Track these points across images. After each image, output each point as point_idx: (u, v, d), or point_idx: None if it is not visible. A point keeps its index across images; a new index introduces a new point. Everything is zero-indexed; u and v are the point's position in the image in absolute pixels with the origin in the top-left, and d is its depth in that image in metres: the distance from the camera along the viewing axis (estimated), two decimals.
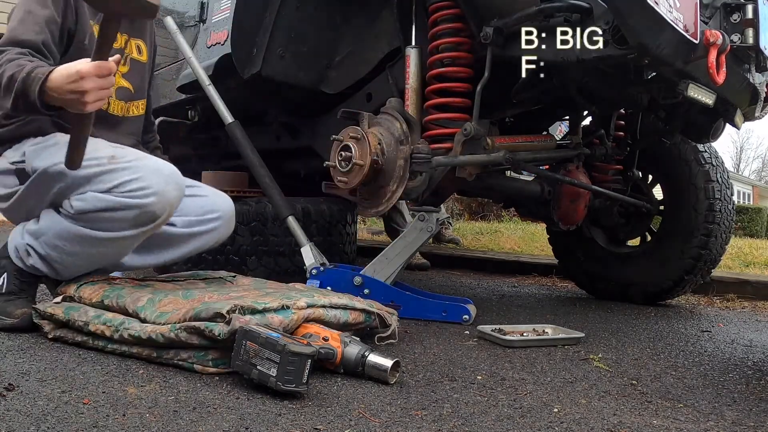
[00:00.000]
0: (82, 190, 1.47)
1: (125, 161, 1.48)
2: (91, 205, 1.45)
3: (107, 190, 1.45)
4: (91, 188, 1.46)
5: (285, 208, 2.07)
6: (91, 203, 1.45)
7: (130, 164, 1.47)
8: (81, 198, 1.47)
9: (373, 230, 6.17)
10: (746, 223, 12.76)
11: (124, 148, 1.55)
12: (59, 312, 1.39)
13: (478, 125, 1.86)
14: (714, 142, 2.37)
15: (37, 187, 1.53)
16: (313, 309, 1.38)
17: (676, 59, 1.65)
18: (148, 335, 1.27)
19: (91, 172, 1.45)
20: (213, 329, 1.21)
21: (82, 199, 1.46)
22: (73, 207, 1.47)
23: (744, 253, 4.37)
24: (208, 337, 1.21)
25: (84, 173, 1.45)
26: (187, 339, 1.23)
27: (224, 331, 1.19)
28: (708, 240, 2.44)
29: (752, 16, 1.83)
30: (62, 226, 1.50)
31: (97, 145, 1.51)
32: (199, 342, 1.23)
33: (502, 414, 1.09)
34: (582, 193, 2.41)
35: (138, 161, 1.49)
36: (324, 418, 1.02)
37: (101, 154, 1.48)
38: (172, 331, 1.25)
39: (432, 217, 1.97)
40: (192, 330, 1.23)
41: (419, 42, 2.02)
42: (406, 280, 2.51)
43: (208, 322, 1.23)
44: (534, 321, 2.01)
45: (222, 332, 1.19)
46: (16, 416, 0.94)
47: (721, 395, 1.30)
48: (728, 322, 2.33)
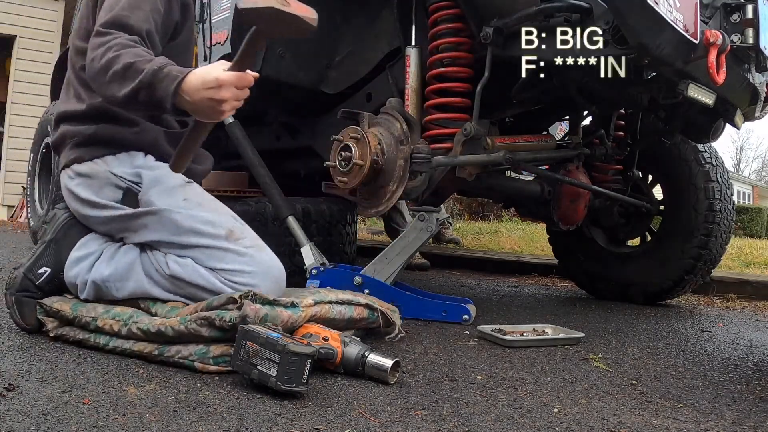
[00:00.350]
0: (184, 254, 1.38)
1: (242, 246, 1.39)
2: (188, 275, 1.36)
3: (211, 269, 1.36)
4: (194, 255, 1.38)
5: (285, 208, 2.07)
6: (189, 275, 1.36)
7: (246, 252, 1.38)
8: (180, 263, 1.37)
9: (373, 230, 6.17)
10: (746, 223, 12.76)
11: (243, 225, 1.46)
12: (67, 308, 1.39)
13: (478, 125, 1.86)
14: (714, 142, 2.37)
15: (140, 221, 1.42)
16: (320, 306, 1.39)
17: (676, 59, 1.65)
18: (157, 328, 1.28)
19: (203, 242, 1.38)
20: (224, 317, 1.22)
21: (182, 265, 1.37)
22: (169, 268, 1.37)
23: (744, 253, 4.37)
24: (219, 327, 1.22)
25: (194, 240, 1.37)
26: (196, 331, 1.24)
27: (235, 316, 1.21)
28: (708, 240, 2.44)
29: (752, 16, 1.83)
30: (141, 285, 1.39)
31: (218, 209, 1.45)
32: (209, 333, 1.24)
33: (502, 414, 1.09)
34: (582, 193, 2.41)
35: (254, 251, 1.39)
36: (324, 418, 1.02)
37: (221, 224, 1.41)
38: (182, 323, 1.26)
39: (432, 217, 1.97)
40: (203, 321, 1.24)
41: (419, 42, 2.02)
42: (406, 280, 2.51)
43: (219, 310, 1.24)
44: (534, 321, 2.01)
45: (233, 317, 1.21)
46: (16, 416, 0.93)
47: (721, 395, 1.30)
48: (728, 322, 2.33)
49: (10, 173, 6.94)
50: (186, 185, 1.48)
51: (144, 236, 1.43)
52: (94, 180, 1.48)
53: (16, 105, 7.00)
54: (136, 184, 1.46)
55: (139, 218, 1.43)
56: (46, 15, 7.20)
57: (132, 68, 1.24)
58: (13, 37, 7.08)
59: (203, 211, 1.43)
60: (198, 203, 1.45)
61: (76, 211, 1.53)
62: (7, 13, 6.95)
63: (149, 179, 1.45)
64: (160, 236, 1.41)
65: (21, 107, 6.95)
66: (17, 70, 7.07)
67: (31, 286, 1.45)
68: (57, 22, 7.24)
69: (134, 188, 1.46)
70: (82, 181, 1.49)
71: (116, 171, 1.47)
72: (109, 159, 1.48)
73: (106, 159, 1.48)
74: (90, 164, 1.48)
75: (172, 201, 1.42)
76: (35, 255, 1.47)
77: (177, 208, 1.41)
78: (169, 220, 1.40)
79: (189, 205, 1.43)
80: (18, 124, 6.87)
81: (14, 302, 1.44)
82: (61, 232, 1.51)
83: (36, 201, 3.75)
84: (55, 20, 7.25)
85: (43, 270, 1.46)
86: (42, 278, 1.45)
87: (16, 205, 6.81)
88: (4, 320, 1.55)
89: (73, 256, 1.47)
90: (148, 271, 1.41)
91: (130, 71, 1.25)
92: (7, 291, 1.45)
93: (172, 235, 1.39)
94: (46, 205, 3.51)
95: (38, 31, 7.13)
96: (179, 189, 1.46)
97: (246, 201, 2.43)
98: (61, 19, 7.22)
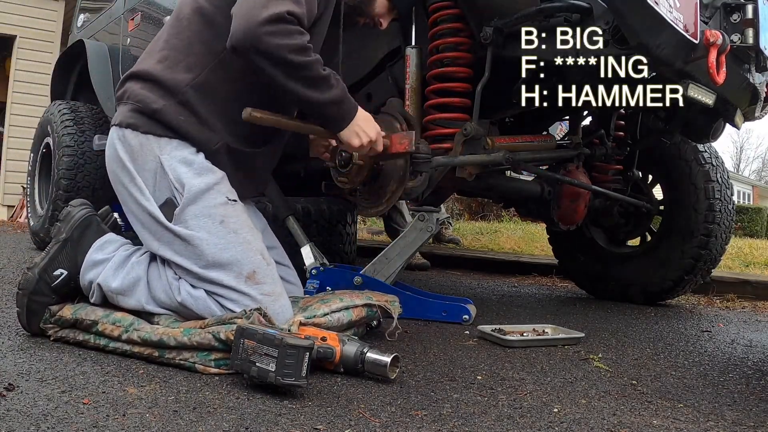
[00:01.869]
0: (200, 285, 1.36)
1: (260, 292, 1.37)
2: (199, 308, 1.35)
3: (223, 306, 1.35)
4: (210, 289, 1.35)
5: (285, 208, 2.07)
6: (201, 308, 1.35)
7: (262, 301, 1.35)
8: (193, 295, 1.35)
9: (373, 230, 6.16)
10: (746, 223, 12.76)
11: (268, 265, 1.43)
12: (68, 314, 1.38)
13: (478, 125, 1.86)
14: (714, 142, 2.37)
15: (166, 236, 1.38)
16: (314, 320, 1.39)
17: (676, 59, 1.65)
18: (159, 337, 1.27)
19: (223, 280, 1.35)
20: (231, 328, 1.21)
21: (194, 297, 1.35)
22: (180, 295, 1.36)
23: (744, 253, 4.37)
24: (224, 340, 1.21)
25: (214, 276, 1.35)
26: (199, 344, 1.24)
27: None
28: (708, 240, 2.44)
29: (752, 16, 1.83)
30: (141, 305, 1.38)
31: (250, 241, 1.41)
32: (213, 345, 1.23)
33: (502, 414, 1.09)
34: (582, 193, 2.40)
35: (270, 301, 1.37)
36: (324, 418, 1.02)
37: (246, 264, 1.37)
38: (185, 335, 1.25)
39: (432, 217, 1.97)
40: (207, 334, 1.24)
41: (419, 42, 2.02)
42: (406, 280, 2.51)
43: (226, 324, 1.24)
44: (534, 321, 2.01)
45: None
46: (16, 416, 0.93)
47: (721, 395, 1.30)
48: (728, 322, 2.33)
49: (10, 173, 6.94)
50: (227, 205, 1.43)
51: (164, 253, 1.39)
52: (140, 159, 1.42)
53: (16, 105, 7.00)
54: (177, 193, 1.39)
55: (168, 232, 1.38)
56: (46, 15, 7.19)
57: (327, 83, 1.41)
58: (13, 37, 7.08)
59: (235, 241, 1.39)
60: (233, 230, 1.40)
61: (113, 172, 1.47)
62: (7, 13, 6.95)
63: (192, 192, 1.39)
64: (181, 261, 1.37)
65: (21, 107, 6.94)
66: (17, 70, 7.07)
67: (46, 288, 1.40)
68: (57, 22, 7.24)
69: (175, 200, 1.39)
70: (130, 153, 1.43)
71: (166, 162, 1.40)
72: (163, 142, 1.41)
73: (160, 141, 1.41)
74: (142, 137, 1.42)
75: (207, 223, 1.38)
76: (50, 254, 1.43)
77: (209, 235, 1.37)
78: (196, 250, 1.36)
79: (224, 231, 1.39)
80: (18, 124, 6.87)
81: (25, 306, 1.39)
82: (77, 231, 1.47)
83: (36, 201, 3.75)
84: (55, 20, 7.24)
85: (59, 272, 1.42)
86: (58, 280, 1.41)
87: (16, 205, 6.81)
88: (4, 320, 1.56)
89: (91, 259, 1.44)
90: (154, 291, 1.39)
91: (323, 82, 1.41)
92: (20, 291, 1.40)
93: (194, 265, 1.36)
94: (46, 205, 3.51)
95: (38, 31, 7.12)
96: (220, 208, 1.41)
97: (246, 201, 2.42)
98: (61, 19, 7.21)
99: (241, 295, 1.36)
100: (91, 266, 1.43)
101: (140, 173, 1.42)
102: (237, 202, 1.46)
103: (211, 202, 1.40)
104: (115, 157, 1.46)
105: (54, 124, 3.39)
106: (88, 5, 4.37)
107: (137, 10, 3.22)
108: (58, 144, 3.27)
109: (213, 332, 1.23)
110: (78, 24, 4.44)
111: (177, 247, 1.38)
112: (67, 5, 7.11)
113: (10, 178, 6.94)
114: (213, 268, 1.36)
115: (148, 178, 1.41)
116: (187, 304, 1.36)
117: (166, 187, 1.41)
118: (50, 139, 3.46)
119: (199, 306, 1.35)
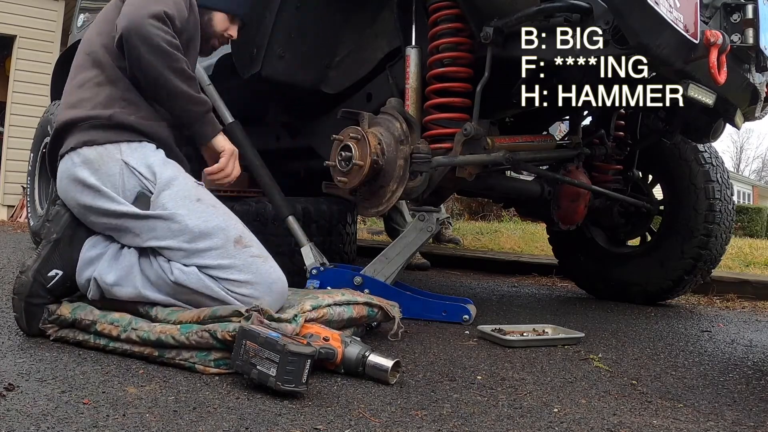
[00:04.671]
0: (190, 261, 1.36)
1: (249, 254, 1.39)
2: (192, 283, 1.35)
3: (215, 278, 1.36)
4: (201, 262, 1.36)
5: (285, 208, 2.07)
6: (194, 283, 1.35)
7: (252, 263, 1.38)
8: (185, 272, 1.36)
9: (373, 230, 6.17)
10: (746, 223, 12.77)
11: (250, 233, 1.46)
12: (66, 312, 1.38)
13: (478, 125, 1.86)
14: (714, 142, 2.37)
15: (149, 223, 1.39)
16: (317, 311, 1.39)
17: (676, 59, 1.65)
18: (157, 336, 1.27)
19: (213, 245, 1.37)
20: (228, 327, 1.21)
21: (186, 273, 1.35)
22: (173, 274, 1.36)
23: (744, 253, 4.37)
24: (221, 339, 1.21)
25: (203, 245, 1.37)
26: (198, 343, 1.24)
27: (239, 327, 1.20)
28: (708, 240, 2.44)
29: (752, 16, 1.83)
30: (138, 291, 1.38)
31: (228, 212, 1.46)
32: (211, 344, 1.23)
33: (502, 414, 1.09)
34: (582, 193, 2.41)
35: (260, 262, 1.39)
36: (324, 418, 1.02)
37: (231, 229, 1.41)
38: (183, 334, 1.25)
39: (432, 217, 1.97)
40: (205, 332, 1.23)
41: (419, 42, 2.02)
42: (406, 280, 2.51)
43: (223, 322, 1.24)
44: (534, 321, 2.01)
45: (237, 328, 1.20)
46: (16, 416, 0.93)
47: (721, 395, 1.30)
48: (728, 322, 2.33)
49: (10, 173, 6.93)
50: (199, 186, 1.49)
51: (149, 241, 1.39)
52: (102, 168, 1.42)
53: (16, 105, 6.99)
54: (149, 182, 1.42)
55: (148, 220, 1.39)
56: (46, 15, 7.19)
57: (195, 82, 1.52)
58: (13, 37, 7.07)
59: (216, 213, 1.43)
60: (211, 205, 1.45)
61: (73, 199, 1.46)
62: (7, 13, 6.94)
63: (164, 178, 1.43)
64: (168, 243, 1.38)
65: (21, 107, 6.94)
66: (17, 70, 7.06)
67: (42, 290, 1.39)
68: (57, 22, 7.23)
69: (146, 191, 1.42)
70: (89, 167, 1.43)
71: (131, 161, 1.43)
72: (123, 147, 1.44)
73: (120, 146, 1.44)
74: (101, 150, 1.43)
75: (185, 202, 1.41)
76: (42, 256, 1.42)
77: (190, 211, 1.40)
78: (180, 225, 1.38)
79: (203, 206, 1.42)
80: (18, 124, 6.86)
81: (23, 310, 1.38)
82: (68, 230, 1.46)
83: (36, 201, 3.75)
84: (55, 20, 7.23)
85: (54, 273, 1.41)
86: (53, 281, 1.40)
87: (16, 205, 6.81)
88: (3, 320, 1.55)
89: (86, 257, 1.43)
90: (147, 275, 1.39)
91: (193, 82, 1.51)
92: (15, 296, 1.39)
93: (181, 242, 1.37)
94: (46, 205, 3.51)
95: (38, 31, 7.11)
96: (193, 190, 1.45)
97: (246, 201, 2.43)
98: (61, 19, 7.21)
99: (233, 261, 1.37)
100: (86, 264, 1.43)
101: (105, 182, 1.42)
102: (203, 185, 1.52)
103: (183, 185, 1.45)
104: (72, 184, 1.46)
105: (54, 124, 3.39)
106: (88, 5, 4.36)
107: None
108: None
109: (211, 331, 1.22)
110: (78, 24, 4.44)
111: (160, 231, 1.39)
112: (67, 5, 7.10)
113: (10, 178, 6.94)
114: (200, 239, 1.38)
115: (115, 182, 1.42)
116: (180, 281, 1.35)
117: (134, 183, 1.43)
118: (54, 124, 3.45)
119: (191, 281, 1.35)
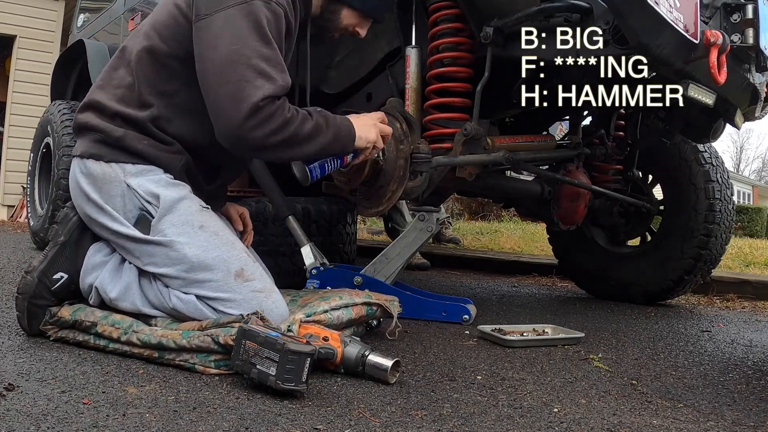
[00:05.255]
0: (189, 290, 1.34)
1: (251, 288, 1.35)
2: (190, 311, 1.33)
3: (215, 309, 1.33)
4: (200, 293, 1.34)
5: (285, 208, 2.07)
6: (192, 311, 1.33)
7: (253, 299, 1.34)
8: (183, 300, 1.34)
9: (373, 230, 6.17)
10: (746, 223, 12.77)
11: (255, 263, 1.42)
12: (67, 315, 1.38)
13: (478, 125, 1.86)
14: (714, 142, 2.37)
15: (148, 248, 1.37)
16: (314, 317, 1.39)
17: (676, 59, 1.65)
18: (158, 340, 1.26)
19: (213, 278, 1.34)
20: (230, 332, 1.20)
21: (184, 302, 1.34)
22: (171, 302, 1.34)
23: (744, 253, 4.38)
24: (223, 344, 1.21)
25: (202, 276, 1.33)
26: (198, 347, 1.23)
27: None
28: (708, 240, 2.44)
29: (752, 16, 1.83)
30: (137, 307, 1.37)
31: (233, 242, 1.41)
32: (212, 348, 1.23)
33: (502, 414, 1.09)
34: (582, 193, 2.40)
35: (262, 297, 1.35)
36: (324, 418, 1.02)
37: (233, 261, 1.36)
38: (185, 338, 1.25)
39: (432, 217, 1.97)
40: (206, 337, 1.23)
41: (419, 42, 2.02)
42: (406, 280, 2.51)
43: (225, 327, 1.23)
44: (534, 321, 2.01)
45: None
46: (16, 416, 0.93)
47: (721, 395, 1.30)
48: (728, 322, 2.33)
49: (10, 173, 6.93)
50: (203, 211, 1.42)
51: (148, 266, 1.37)
52: (104, 187, 1.41)
53: (16, 105, 7.00)
54: (151, 206, 1.38)
55: (148, 245, 1.37)
56: (46, 15, 7.19)
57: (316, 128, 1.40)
58: (13, 37, 7.07)
59: (218, 242, 1.38)
60: (214, 233, 1.39)
61: (79, 206, 1.46)
62: (7, 13, 6.94)
63: (167, 202, 1.38)
64: (165, 271, 1.35)
65: (21, 107, 6.94)
66: (17, 70, 7.06)
67: (46, 292, 1.38)
68: (57, 22, 7.23)
69: (148, 215, 1.38)
70: (93, 184, 1.42)
71: (132, 183, 1.40)
72: (128, 168, 1.41)
73: (125, 167, 1.41)
74: (105, 167, 1.41)
75: (187, 229, 1.37)
76: (48, 258, 1.41)
77: (190, 239, 1.36)
78: (178, 254, 1.35)
79: (204, 235, 1.38)
80: (18, 124, 6.86)
81: (26, 310, 1.38)
82: (75, 233, 1.45)
83: (36, 201, 3.75)
84: (55, 20, 7.24)
85: (59, 275, 1.40)
86: (58, 284, 1.39)
87: (16, 205, 6.81)
88: (4, 320, 1.55)
89: (90, 262, 1.43)
90: (146, 295, 1.38)
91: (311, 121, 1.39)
92: (20, 295, 1.39)
93: (179, 271, 1.34)
94: (46, 205, 3.51)
95: (38, 31, 7.12)
96: (196, 215, 1.40)
97: (246, 201, 2.43)
98: (61, 19, 7.21)
99: (232, 293, 1.34)
100: (90, 269, 1.42)
101: (107, 201, 1.41)
102: (210, 209, 1.46)
103: (186, 210, 1.40)
104: (78, 191, 1.45)
105: (54, 124, 3.39)
106: (88, 5, 4.37)
107: (137, 10, 3.22)
108: (58, 144, 3.27)
109: (212, 335, 1.22)
110: (78, 24, 4.45)
111: (158, 258, 1.36)
112: (67, 5, 7.11)
113: (10, 178, 6.94)
114: (199, 270, 1.34)
115: (116, 204, 1.40)
116: (178, 309, 1.34)
117: (135, 205, 1.40)
118: (50, 139, 3.46)
119: (189, 309, 1.33)
